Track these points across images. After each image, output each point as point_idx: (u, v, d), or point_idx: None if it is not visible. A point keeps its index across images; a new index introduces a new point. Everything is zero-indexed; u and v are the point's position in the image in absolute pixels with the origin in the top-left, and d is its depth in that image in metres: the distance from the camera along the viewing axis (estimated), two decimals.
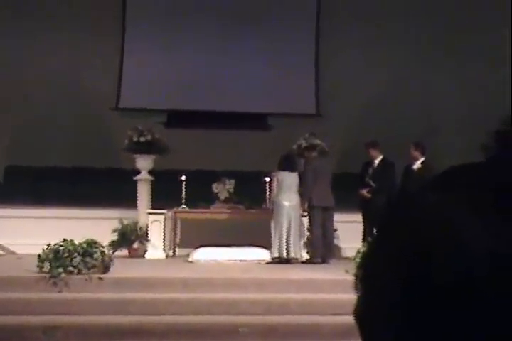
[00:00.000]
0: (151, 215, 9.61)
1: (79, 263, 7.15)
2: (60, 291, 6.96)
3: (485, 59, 12.58)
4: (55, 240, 7.39)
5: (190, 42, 13.27)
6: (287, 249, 8.96)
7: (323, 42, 13.49)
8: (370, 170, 9.57)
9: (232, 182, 10.09)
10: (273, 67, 13.34)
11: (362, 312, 0.51)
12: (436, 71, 13.05)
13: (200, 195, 9.95)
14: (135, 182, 10.20)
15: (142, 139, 10.01)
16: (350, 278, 6.53)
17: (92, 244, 7.40)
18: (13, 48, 12.63)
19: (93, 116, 12.71)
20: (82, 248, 7.29)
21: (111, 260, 7.52)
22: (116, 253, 8.94)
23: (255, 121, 13.30)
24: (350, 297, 0.59)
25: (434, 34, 13.02)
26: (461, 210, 0.48)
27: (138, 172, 10.27)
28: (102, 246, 7.59)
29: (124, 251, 9.46)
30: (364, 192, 9.39)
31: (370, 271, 0.52)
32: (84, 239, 7.42)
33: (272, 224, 9.05)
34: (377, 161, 9.57)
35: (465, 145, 12.10)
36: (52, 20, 12.71)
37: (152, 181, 10.20)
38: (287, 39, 13.34)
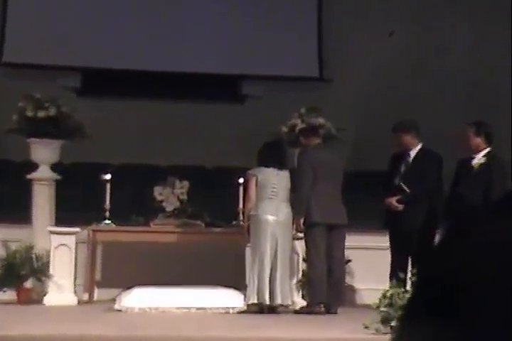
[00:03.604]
0: (54, 236, 9.59)
1: None
2: None
3: None
4: None
5: None
6: (271, 292, 8.99)
7: None
8: (403, 168, 9.59)
9: (186, 184, 10.14)
10: (251, 8, 13.37)
11: None
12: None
13: (135, 204, 9.99)
14: (29, 183, 10.17)
15: (41, 114, 9.99)
16: (370, 336, 6.53)
17: None
18: None
19: None
20: None
21: None
22: None
23: (222, 87, 13.36)
24: None
25: None
26: None
27: (34, 166, 10.23)
28: None
29: (11, 294, 9.49)
30: (393, 201, 9.39)
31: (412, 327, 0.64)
32: None
33: (249, 252, 9.07)
34: (413, 153, 9.61)
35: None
36: None
37: (57, 181, 10.22)
38: None
